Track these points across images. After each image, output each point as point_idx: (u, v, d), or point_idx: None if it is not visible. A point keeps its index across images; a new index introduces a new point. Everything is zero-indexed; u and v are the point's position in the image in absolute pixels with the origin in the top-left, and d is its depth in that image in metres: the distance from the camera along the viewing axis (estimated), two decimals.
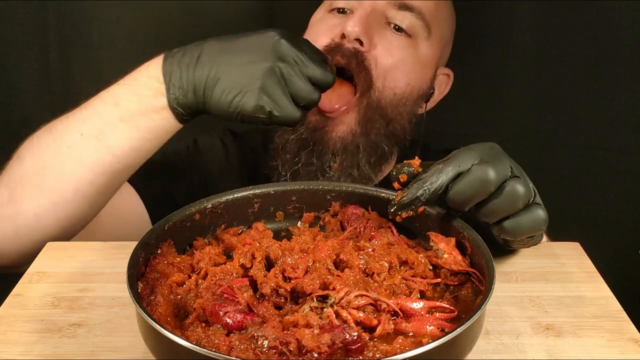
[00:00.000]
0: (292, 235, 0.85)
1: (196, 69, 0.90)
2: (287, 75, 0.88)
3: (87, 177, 0.93)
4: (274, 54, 0.88)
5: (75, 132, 0.93)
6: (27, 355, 0.71)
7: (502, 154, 0.79)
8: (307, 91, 0.90)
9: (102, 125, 0.92)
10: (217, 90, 0.89)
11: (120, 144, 0.92)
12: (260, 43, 0.89)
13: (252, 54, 0.89)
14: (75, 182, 0.92)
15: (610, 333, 0.74)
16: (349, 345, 0.61)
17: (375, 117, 1.10)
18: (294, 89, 0.89)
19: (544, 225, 0.80)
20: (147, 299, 0.69)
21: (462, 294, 0.74)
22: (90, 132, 0.92)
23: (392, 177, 0.81)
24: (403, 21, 1.11)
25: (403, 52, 1.11)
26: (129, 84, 0.93)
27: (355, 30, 1.06)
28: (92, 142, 0.92)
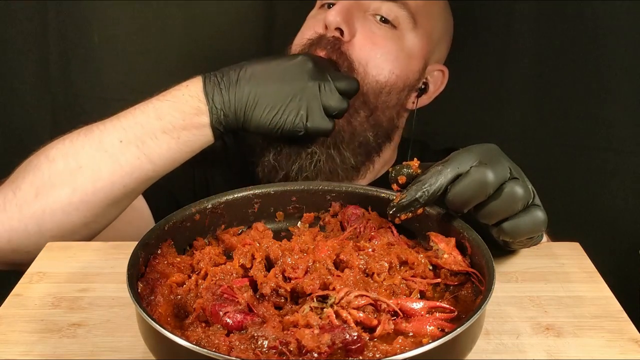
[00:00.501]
0: (292, 235, 0.85)
1: (237, 91, 0.98)
2: (319, 91, 0.99)
3: (123, 180, 0.97)
4: (306, 75, 0.99)
5: (114, 139, 0.97)
6: (27, 355, 0.71)
7: (501, 156, 0.79)
8: (338, 102, 1.00)
9: (143, 135, 0.97)
10: (257, 111, 0.98)
11: (160, 153, 0.98)
12: (292, 66, 1.00)
13: (286, 75, 0.99)
14: (110, 184, 0.97)
15: (610, 333, 0.74)
16: (349, 345, 0.61)
17: (356, 103, 1.09)
18: (326, 102, 0.99)
19: (543, 227, 0.80)
20: (147, 299, 0.69)
21: (462, 294, 0.74)
22: (130, 140, 0.97)
23: (391, 179, 0.81)
24: (388, 13, 1.11)
25: (386, 41, 1.11)
26: (171, 100, 0.99)
27: (337, 20, 1.08)
28: (132, 149, 0.97)
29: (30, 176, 0.97)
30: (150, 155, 0.97)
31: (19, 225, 0.95)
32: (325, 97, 0.99)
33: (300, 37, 1.15)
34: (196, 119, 0.98)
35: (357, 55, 1.09)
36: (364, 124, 1.11)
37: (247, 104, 0.98)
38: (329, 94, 0.99)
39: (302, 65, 0.99)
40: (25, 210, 0.95)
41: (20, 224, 0.95)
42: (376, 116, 1.12)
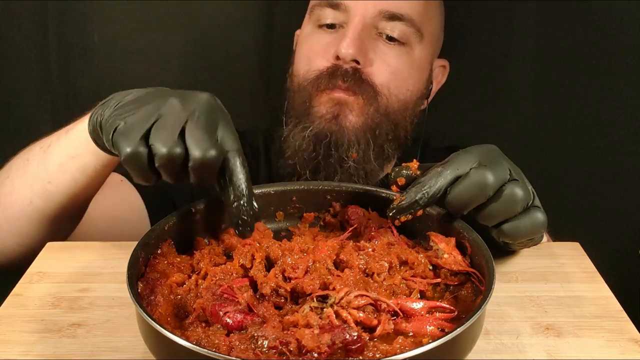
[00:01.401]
0: (292, 235, 0.85)
1: (110, 107, 0.80)
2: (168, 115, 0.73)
3: (27, 194, 0.92)
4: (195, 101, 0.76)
5: (38, 146, 0.93)
6: (27, 355, 0.71)
7: (501, 157, 0.79)
8: (162, 143, 0.70)
9: (52, 139, 0.92)
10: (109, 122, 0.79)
11: (53, 158, 0.90)
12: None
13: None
14: (21, 199, 0.93)
15: (610, 333, 0.74)
16: (349, 345, 0.61)
17: (383, 123, 1.11)
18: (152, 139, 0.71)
19: (543, 228, 0.80)
20: (147, 299, 0.69)
21: (462, 294, 0.74)
22: (44, 146, 0.92)
23: (391, 180, 0.81)
24: (394, 30, 1.11)
25: (398, 61, 1.11)
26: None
27: (350, 52, 1.07)
28: (40, 155, 0.92)
29: None
30: (47, 161, 0.90)
31: None
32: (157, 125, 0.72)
33: (308, 63, 1.13)
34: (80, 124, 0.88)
35: (379, 80, 1.10)
36: (387, 141, 1.13)
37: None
38: (161, 125, 0.71)
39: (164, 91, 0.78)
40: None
41: None
42: (397, 131, 1.14)
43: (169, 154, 0.69)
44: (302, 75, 1.14)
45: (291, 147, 1.13)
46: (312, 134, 1.10)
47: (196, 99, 0.74)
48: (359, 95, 1.09)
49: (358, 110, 1.09)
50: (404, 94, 1.13)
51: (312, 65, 1.12)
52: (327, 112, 1.10)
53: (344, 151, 1.09)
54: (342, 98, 1.09)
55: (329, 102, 1.09)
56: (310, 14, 1.16)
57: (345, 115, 1.09)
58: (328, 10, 1.12)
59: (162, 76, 1.45)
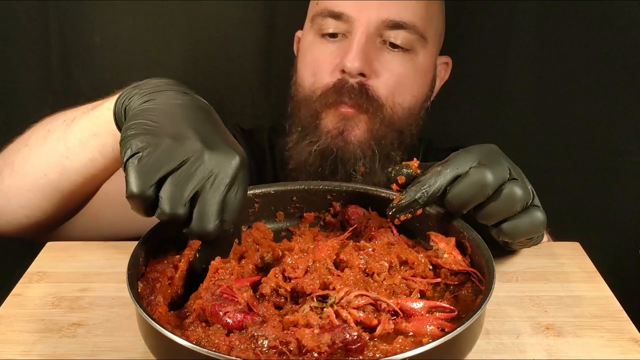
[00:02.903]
0: (292, 235, 0.85)
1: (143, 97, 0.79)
2: (186, 168, 0.69)
3: (42, 167, 0.92)
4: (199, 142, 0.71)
5: (61, 118, 0.93)
6: (27, 355, 0.71)
7: (501, 156, 0.79)
8: (183, 194, 0.67)
9: (77, 113, 0.91)
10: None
11: (74, 133, 0.89)
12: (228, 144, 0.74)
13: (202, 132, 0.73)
14: (34, 170, 0.92)
15: (610, 333, 0.74)
16: (349, 345, 0.61)
17: (388, 133, 1.12)
18: (176, 180, 0.68)
19: (542, 228, 0.80)
20: (147, 299, 0.69)
21: (462, 294, 0.74)
22: (68, 119, 0.91)
23: (390, 179, 0.81)
24: (397, 38, 1.10)
25: (403, 69, 1.12)
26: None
27: (356, 66, 1.07)
28: (62, 128, 0.91)
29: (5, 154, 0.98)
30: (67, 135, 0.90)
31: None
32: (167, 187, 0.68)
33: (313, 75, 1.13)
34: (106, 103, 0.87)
35: (384, 92, 1.10)
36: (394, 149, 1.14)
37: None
38: (178, 180, 0.68)
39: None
40: None
41: None
42: (403, 137, 1.15)
43: (171, 215, 0.67)
44: (307, 88, 1.14)
45: (295, 159, 1.14)
46: (319, 150, 1.11)
47: (227, 164, 0.69)
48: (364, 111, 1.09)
49: (364, 124, 1.10)
50: (409, 101, 1.13)
51: (318, 79, 1.12)
52: (333, 128, 1.10)
53: (351, 166, 1.10)
54: (349, 113, 1.09)
55: (335, 117, 1.10)
56: (311, 22, 1.15)
57: (351, 130, 1.10)
58: (330, 20, 1.11)
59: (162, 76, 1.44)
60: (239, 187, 0.70)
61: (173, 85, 0.80)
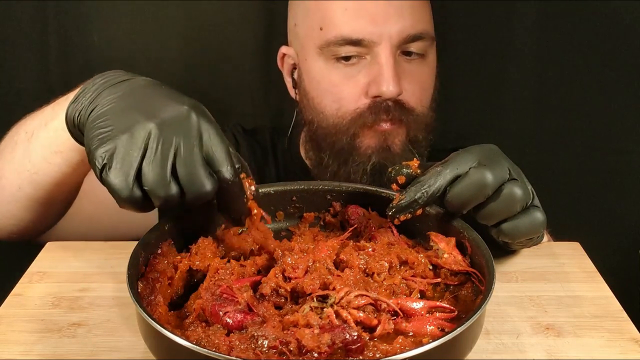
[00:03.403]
0: (292, 235, 0.85)
1: (97, 97, 0.77)
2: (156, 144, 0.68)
3: (15, 181, 0.92)
4: (166, 115, 0.70)
5: (23, 130, 0.91)
6: (27, 355, 0.71)
7: (501, 156, 0.79)
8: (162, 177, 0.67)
9: (35, 126, 0.89)
10: (87, 132, 0.74)
11: (36, 150, 0.88)
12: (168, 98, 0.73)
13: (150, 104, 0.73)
14: (9, 184, 0.92)
15: (610, 333, 0.74)
16: (349, 345, 0.61)
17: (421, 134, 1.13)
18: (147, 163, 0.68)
19: (542, 228, 0.80)
20: (147, 299, 0.69)
21: (462, 294, 0.74)
22: (29, 132, 0.90)
23: (390, 179, 0.81)
24: (416, 48, 1.11)
25: (422, 75, 1.13)
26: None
27: (393, 90, 1.06)
28: (25, 144, 0.90)
29: None
30: (31, 152, 0.89)
31: None
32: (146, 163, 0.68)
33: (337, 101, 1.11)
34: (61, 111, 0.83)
35: (415, 102, 1.11)
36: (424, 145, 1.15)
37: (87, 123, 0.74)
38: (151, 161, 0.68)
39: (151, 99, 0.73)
40: None
41: None
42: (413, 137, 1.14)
43: (165, 198, 0.67)
44: (332, 115, 1.12)
45: (348, 179, 1.13)
46: (370, 168, 1.11)
47: (179, 121, 0.69)
48: (402, 124, 1.10)
49: (403, 133, 1.11)
50: (430, 100, 1.15)
51: (343, 104, 1.10)
52: (376, 145, 1.11)
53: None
54: (388, 130, 1.10)
55: (376, 135, 1.10)
56: (320, 49, 1.11)
57: (393, 142, 1.11)
58: (348, 47, 1.08)
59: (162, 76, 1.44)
60: (209, 132, 0.70)
61: (108, 78, 0.79)
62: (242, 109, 1.47)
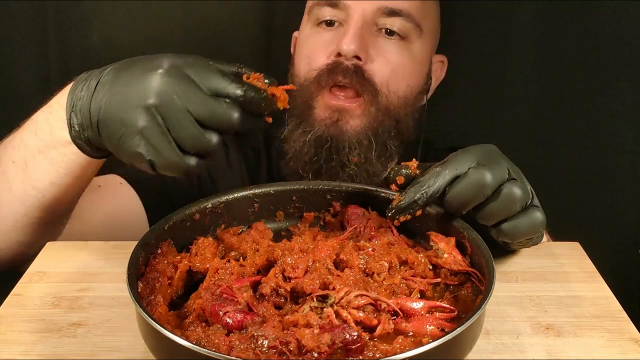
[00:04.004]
0: (292, 235, 0.85)
1: (92, 101, 0.77)
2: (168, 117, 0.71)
3: (19, 209, 0.89)
4: (155, 90, 0.71)
5: (8, 159, 0.88)
6: (27, 355, 0.71)
7: (500, 156, 0.79)
8: (195, 136, 0.71)
9: (25, 155, 0.86)
10: (105, 132, 0.76)
11: (40, 177, 0.86)
12: (143, 74, 0.72)
13: (135, 87, 0.72)
14: (12, 213, 0.90)
15: (610, 333, 0.74)
16: (349, 345, 0.61)
17: (385, 121, 1.11)
18: (178, 134, 0.71)
19: (542, 228, 0.80)
20: (147, 299, 0.69)
21: (462, 294, 0.74)
22: (18, 161, 0.87)
23: (390, 179, 0.81)
24: (394, 25, 1.11)
25: (399, 56, 1.12)
26: (47, 110, 0.84)
27: (352, 49, 1.07)
28: (20, 173, 0.87)
29: None
30: (33, 179, 0.86)
31: None
32: (176, 127, 0.71)
33: (307, 62, 1.13)
34: (61, 133, 0.81)
35: (379, 77, 1.10)
36: (390, 138, 1.13)
37: (98, 119, 0.76)
38: (181, 124, 0.71)
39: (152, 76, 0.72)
40: None
41: None
42: (399, 128, 1.14)
43: (210, 147, 0.72)
44: (303, 75, 1.14)
45: (291, 149, 1.14)
46: (313, 139, 1.10)
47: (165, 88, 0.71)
48: (361, 97, 1.09)
49: (359, 114, 1.10)
50: (404, 90, 1.13)
51: (313, 64, 1.12)
52: (327, 117, 1.10)
53: (345, 155, 1.10)
54: (343, 106, 1.09)
55: (329, 108, 1.10)
56: (308, 14, 1.17)
57: (346, 120, 1.10)
58: (327, 9, 1.12)
59: None
60: (196, 73, 0.72)
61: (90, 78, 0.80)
62: None
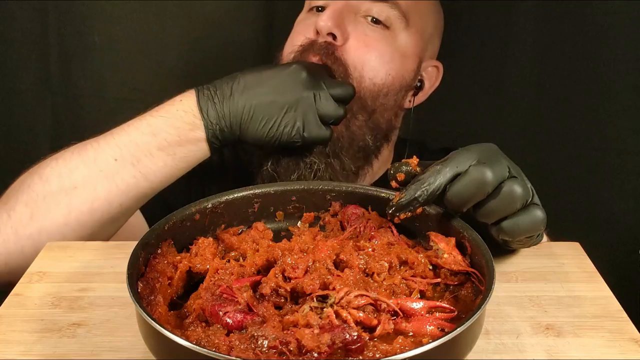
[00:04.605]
0: (292, 235, 0.85)
1: (231, 104, 0.97)
2: (314, 101, 0.98)
3: (119, 200, 0.97)
4: (300, 85, 0.98)
5: (109, 157, 0.97)
6: (27, 355, 0.71)
7: (500, 155, 0.79)
8: (334, 110, 1.00)
9: (138, 153, 0.97)
10: (252, 124, 0.98)
11: (156, 170, 0.98)
12: (286, 76, 0.99)
13: (280, 86, 0.98)
14: (107, 203, 0.97)
15: (610, 333, 0.74)
16: (349, 345, 0.61)
17: (354, 107, 1.09)
18: (322, 111, 0.99)
19: (542, 226, 0.80)
20: (147, 299, 0.69)
21: (462, 294, 0.74)
22: (125, 158, 0.96)
23: (390, 176, 0.81)
24: (380, 13, 1.10)
25: (379, 42, 1.10)
26: (165, 116, 0.98)
27: (328, 25, 1.06)
28: (128, 168, 0.97)
29: (25, 197, 0.96)
30: (146, 173, 0.97)
31: (15, 247, 0.95)
32: (320, 105, 0.98)
33: (291, 44, 1.13)
34: (191, 134, 0.98)
35: (352, 59, 1.08)
36: (362, 128, 1.11)
37: (243, 118, 0.98)
38: (324, 103, 0.99)
39: (296, 75, 0.99)
40: (20, 232, 0.95)
41: (17, 245, 0.95)
42: (375, 119, 1.12)
43: (343, 117, 1.02)
44: (284, 56, 1.14)
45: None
46: None
47: (295, 82, 0.98)
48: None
49: None
50: (382, 78, 1.10)
51: (293, 43, 1.12)
52: None
53: None
54: None
55: None
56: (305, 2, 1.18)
57: None
58: None
59: (161, 76, 1.45)
60: (312, 76, 1.00)
61: (220, 86, 1.01)
62: None
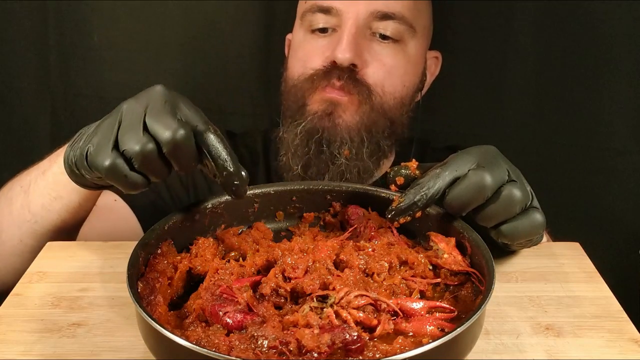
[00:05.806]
0: (292, 235, 0.85)
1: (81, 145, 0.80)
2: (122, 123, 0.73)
3: (16, 234, 0.95)
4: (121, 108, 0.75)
5: (18, 185, 0.96)
6: (27, 355, 0.71)
7: (500, 158, 0.79)
8: (136, 142, 0.70)
9: (31, 179, 0.94)
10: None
11: (35, 200, 0.93)
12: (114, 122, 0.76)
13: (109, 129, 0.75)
14: (9, 238, 0.96)
15: (610, 333, 0.74)
16: (349, 345, 0.61)
17: (379, 121, 1.11)
18: (121, 137, 0.72)
19: (541, 229, 0.80)
20: (147, 299, 0.69)
21: (462, 294, 0.74)
22: (24, 185, 0.95)
23: (389, 180, 0.81)
24: (387, 29, 1.11)
25: (393, 59, 1.12)
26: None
27: (347, 57, 1.07)
28: (21, 196, 0.94)
29: None
30: (29, 202, 0.94)
31: None
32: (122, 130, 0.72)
33: (303, 65, 1.13)
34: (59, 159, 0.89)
35: (373, 80, 1.10)
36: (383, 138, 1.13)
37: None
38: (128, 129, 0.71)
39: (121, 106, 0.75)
40: None
41: None
42: (394, 128, 1.15)
43: (142, 150, 0.69)
44: (297, 76, 1.14)
45: (284, 143, 1.14)
46: (305, 130, 1.10)
47: (147, 94, 0.73)
48: (353, 95, 1.09)
49: (352, 110, 1.10)
50: (400, 90, 1.13)
51: (308, 65, 1.12)
52: (320, 110, 1.10)
53: (336, 148, 1.10)
54: (336, 99, 1.09)
55: (323, 101, 1.10)
56: (301, 19, 1.16)
57: (338, 114, 1.10)
58: (319, 15, 1.12)
59: (161, 76, 1.45)
60: (174, 97, 0.73)
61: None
62: (242, 109, 1.47)
